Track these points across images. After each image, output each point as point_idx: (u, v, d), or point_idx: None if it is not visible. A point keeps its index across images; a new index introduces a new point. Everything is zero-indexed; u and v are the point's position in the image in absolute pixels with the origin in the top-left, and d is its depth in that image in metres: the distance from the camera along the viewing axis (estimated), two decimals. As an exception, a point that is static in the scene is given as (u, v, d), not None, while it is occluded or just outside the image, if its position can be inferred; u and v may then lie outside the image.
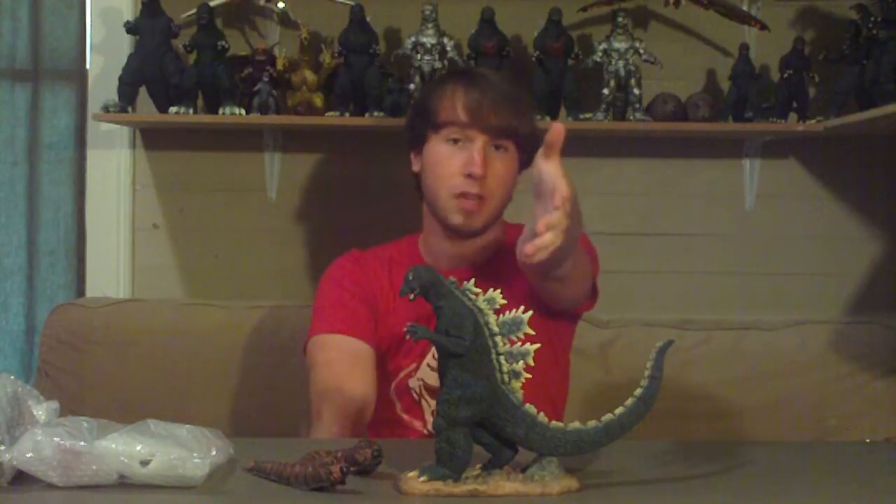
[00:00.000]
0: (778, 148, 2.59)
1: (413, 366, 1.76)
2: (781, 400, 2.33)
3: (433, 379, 1.73)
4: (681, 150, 2.60)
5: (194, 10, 2.39)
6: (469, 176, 1.69)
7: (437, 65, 2.39)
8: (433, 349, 1.71)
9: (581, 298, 1.75)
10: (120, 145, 2.58)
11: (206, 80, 2.38)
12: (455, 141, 1.71)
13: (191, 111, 2.39)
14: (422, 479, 1.09)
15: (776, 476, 1.24)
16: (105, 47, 2.56)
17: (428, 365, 1.75)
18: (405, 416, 1.77)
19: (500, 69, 2.35)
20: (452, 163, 1.71)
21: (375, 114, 2.38)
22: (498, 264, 1.75)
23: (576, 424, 1.13)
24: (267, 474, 1.14)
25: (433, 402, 1.73)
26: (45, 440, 1.07)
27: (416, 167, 1.80)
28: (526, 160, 1.76)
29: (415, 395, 1.76)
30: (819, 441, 2.20)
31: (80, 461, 1.06)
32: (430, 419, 1.74)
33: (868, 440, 2.14)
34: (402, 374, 1.77)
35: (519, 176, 1.78)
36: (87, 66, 2.62)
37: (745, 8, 2.53)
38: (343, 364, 1.72)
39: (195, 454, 1.09)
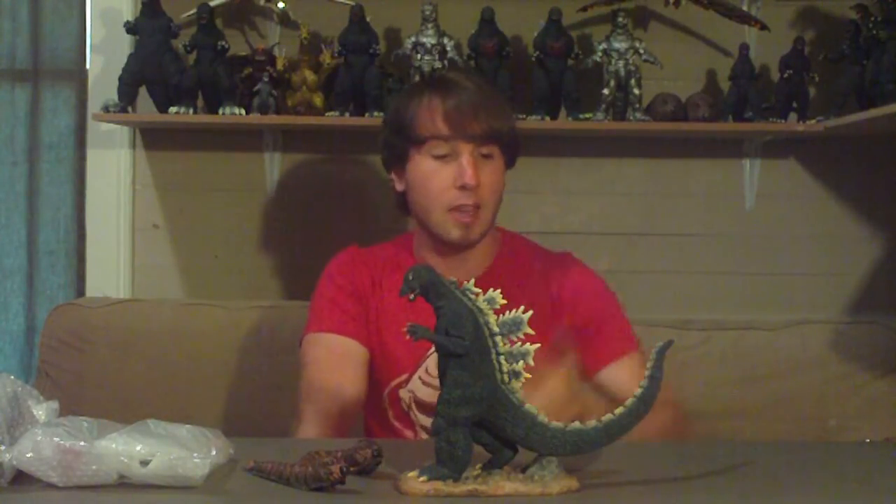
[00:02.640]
0: (778, 148, 2.59)
1: (405, 376, 1.73)
2: (781, 400, 2.33)
3: (424, 393, 1.71)
4: (681, 150, 2.60)
5: (194, 10, 2.39)
6: (462, 187, 1.66)
7: (437, 65, 2.39)
8: (427, 363, 1.71)
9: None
10: (120, 145, 2.58)
11: (206, 80, 2.38)
12: (441, 157, 1.67)
13: (191, 111, 2.39)
14: (422, 479, 1.09)
15: (776, 476, 1.24)
16: (105, 47, 2.56)
17: (420, 378, 1.72)
18: (397, 424, 1.76)
19: (497, 72, 2.34)
20: (442, 177, 1.67)
21: (375, 114, 2.38)
22: (494, 274, 1.72)
23: (576, 424, 1.12)
24: (267, 474, 1.14)
25: (421, 417, 1.72)
26: (45, 440, 1.06)
27: (399, 186, 1.75)
28: (511, 158, 1.75)
29: (404, 405, 1.74)
30: (819, 441, 2.20)
31: (80, 461, 1.06)
32: (419, 431, 1.73)
33: (868, 440, 2.14)
34: (393, 383, 1.74)
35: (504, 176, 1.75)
36: (87, 66, 2.62)
37: (745, 8, 2.53)
38: (330, 363, 1.70)
39: (195, 454, 1.09)
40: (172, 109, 2.39)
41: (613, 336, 1.73)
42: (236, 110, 2.39)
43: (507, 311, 1.11)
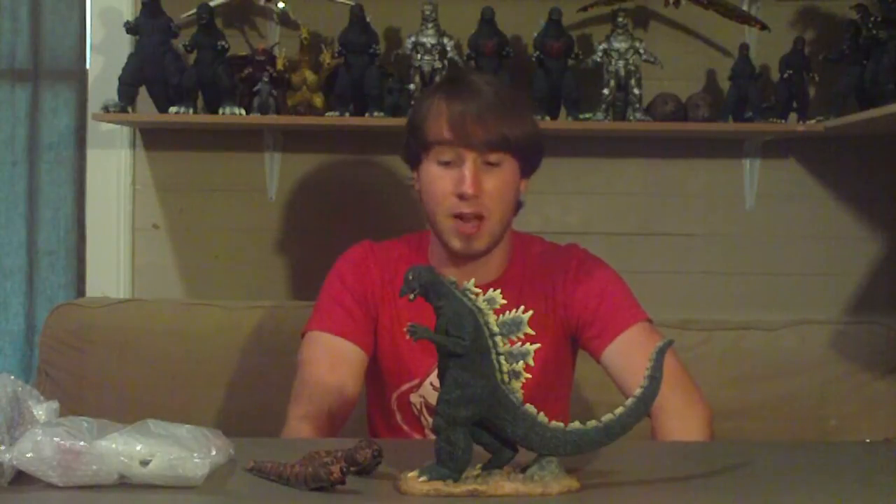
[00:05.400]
0: (778, 148, 2.59)
1: (416, 381, 1.72)
2: (781, 400, 2.33)
3: (435, 399, 1.69)
4: (681, 150, 2.60)
5: (194, 10, 2.39)
6: (461, 196, 1.63)
7: (437, 65, 2.39)
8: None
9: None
10: (120, 145, 2.58)
11: (206, 80, 2.38)
12: (446, 163, 1.64)
13: (191, 111, 2.39)
14: (422, 479, 1.09)
15: (776, 476, 1.24)
16: (105, 47, 2.56)
17: (431, 384, 1.71)
18: (405, 427, 1.75)
19: (497, 72, 2.34)
20: (444, 183, 1.64)
21: (375, 114, 2.38)
22: (508, 282, 1.69)
23: (576, 424, 1.12)
24: (267, 474, 1.14)
25: (432, 421, 1.71)
26: (45, 440, 1.06)
27: (417, 187, 1.73)
28: (529, 166, 1.71)
29: (415, 410, 1.73)
30: (819, 441, 2.20)
31: (80, 461, 1.06)
32: (429, 436, 1.72)
33: (868, 440, 2.14)
34: (404, 387, 1.73)
35: (527, 181, 1.73)
36: (87, 66, 2.62)
37: (745, 8, 2.53)
38: (323, 365, 1.69)
39: (195, 454, 1.09)
40: (172, 109, 2.39)
41: (612, 314, 1.70)
42: (236, 110, 2.39)
43: (508, 312, 1.11)
